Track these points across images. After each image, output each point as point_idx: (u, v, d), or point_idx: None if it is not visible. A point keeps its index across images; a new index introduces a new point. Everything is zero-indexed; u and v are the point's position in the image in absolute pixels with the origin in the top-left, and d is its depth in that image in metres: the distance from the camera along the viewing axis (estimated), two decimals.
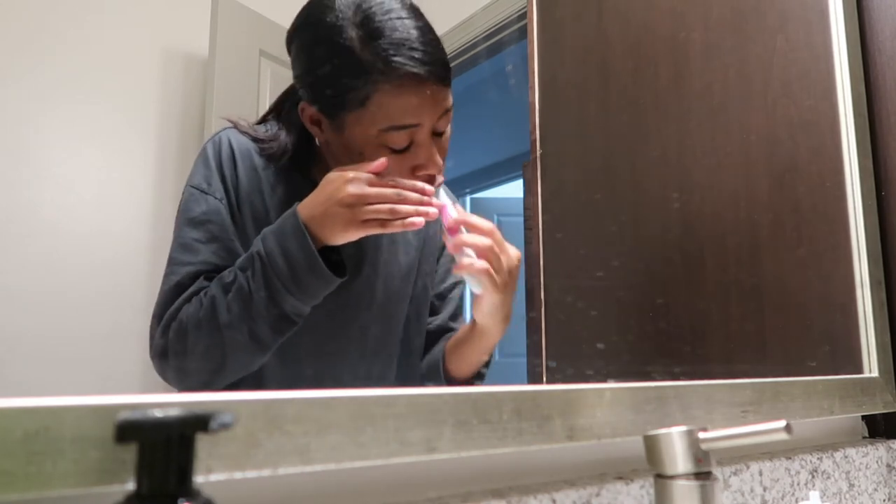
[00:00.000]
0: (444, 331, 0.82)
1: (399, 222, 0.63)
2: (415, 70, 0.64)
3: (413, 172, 0.68)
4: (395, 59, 0.64)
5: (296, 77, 0.71)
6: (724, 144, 1.07)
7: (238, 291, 0.63)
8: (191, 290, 0.65)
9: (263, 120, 0.77)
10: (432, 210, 0.65)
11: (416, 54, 0.64)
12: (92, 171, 0.86)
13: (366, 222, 0.63)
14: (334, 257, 0.65)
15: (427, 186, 0.65)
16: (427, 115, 0.67)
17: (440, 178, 0.70)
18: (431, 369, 0.79)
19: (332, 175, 0.64)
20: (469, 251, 0.68)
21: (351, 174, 0.63)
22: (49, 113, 0.82)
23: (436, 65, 0.66)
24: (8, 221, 0.76)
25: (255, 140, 0.73)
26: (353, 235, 0.64)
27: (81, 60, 0.85)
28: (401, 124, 0.66)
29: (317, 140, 0.73)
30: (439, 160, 0.69)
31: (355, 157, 0.67)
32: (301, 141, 0.73)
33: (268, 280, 0.62)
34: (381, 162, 0.64)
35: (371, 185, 0.63)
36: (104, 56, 0.87)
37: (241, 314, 0.63)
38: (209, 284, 0.65)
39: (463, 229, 0.69)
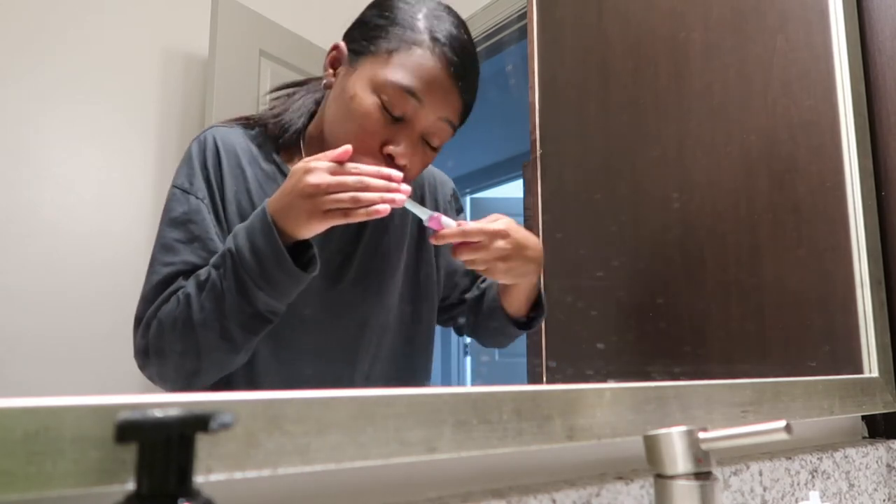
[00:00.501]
0: (483, 293, 0.84)
1: (362, 211, 0.60)
2: (451, 56, 0.68)
3: (382, 146, 0.67)
4: (440, 39, 0.68)
5: (359, 16, 0.73)
6: (724, 144, 1.07)
7: (211, 289, 0.62)
8: (170, 289, 0.65)
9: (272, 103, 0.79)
10: (399, 196, 0.62)
11: (458, 50, 0.69)
12: (92, 171, 0.86)
13: (328, 212, 0.60)
14: (307, 253, 0.64)
15: (394, 172, 0.62)
16: (431, 101, 0.67)
17: (405, 173, 0.68)
18: (491, 312, 0.81)
19: (296, 166, 0.63)
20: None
21: (312, 164, 0.61)
22: (49, 113, 0.82)
23: (467, 69, 0.70)
24: (8, 221, 0.76)
25: (249, 125, 0.73)
26: (317, 227, 0.62)
27: (81, 60, 0.85)
28: (404, 85, 0.66)
29: (323, 80, 0.73)
30: (411, 153, 0.68)
31: (346, 101, 0.67)
32: (297, 124, 0.74)
33: (238, 277, 0.61)
34: (346, 149, 0.62)
35: (332, 173, 0.61)
36: (104, 56, 0.87)
37: (213, 312, 0.62)
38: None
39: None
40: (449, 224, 0.67)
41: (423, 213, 0.67)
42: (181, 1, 0.96)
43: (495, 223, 0.68)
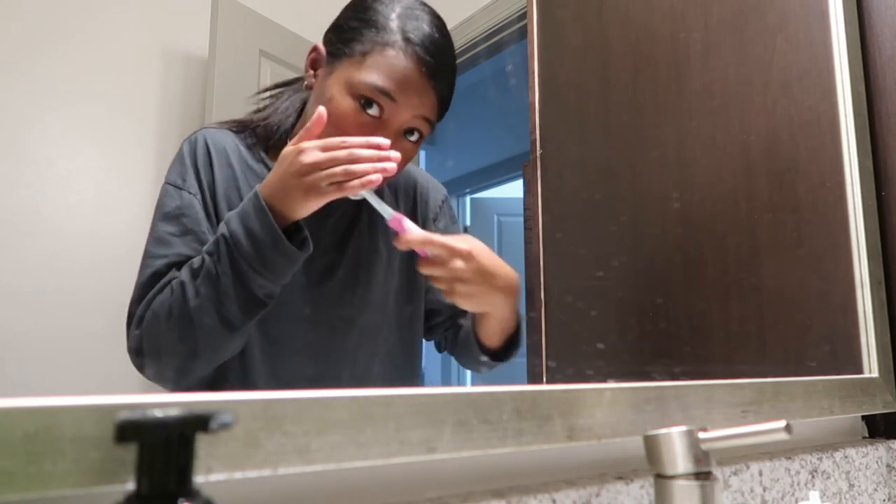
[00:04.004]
0: (465, 314, 0.83)
1: (357, 182, 0.62)
2: (423, 56, 0.68)
3: None
4: (412, 35, 0.68)
5: (336, 19, 0.74)
6: (724, 144, 1.07)
7: (206, 275, 0.63)
8: (163, 280, 0.65)
9: (256, 110, 0.79)
10: (389, 165, 0.63)
11: (431, 49, 0.69)
12: (92, 171, 0.86)
13: (324, 188, 0.62)
14: (300, 235, 0.65)
15: (383, 140, 0.64)
16: (407, 99, 0.68)
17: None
18: (466, 342, 0.80)
19: (286, 150, 0.64)
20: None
21: (303, 144, 0.63)
22: (49, 113, 0.82)
23: (440, 68, 0.69)
24: (9, 221, 0.76)
25: (238, 129, 0.74)
26: (314, 204, 0.64)
27: (81, 60, 0.85)
28: (381, 87, 0.67)
29: (305, 82, 0.75)
30: (394, 152, 0.68)
31: (324, 103, 0.68)
32: (287, 121, 0.75)
33: (233, 261, 0.62)
34: (320, 115, 0.64)
35: (323, 149, 0.62)
36: (104, 56, 0.87)
37: (209, 297, 0.63)
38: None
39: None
40: (411, 228, 0.67)
41: (385, 211, 0.67)
42: (181, 1, 0.96)
43: (460, 243, 0.67)
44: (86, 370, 0.76)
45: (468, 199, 1.82)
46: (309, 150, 0.62)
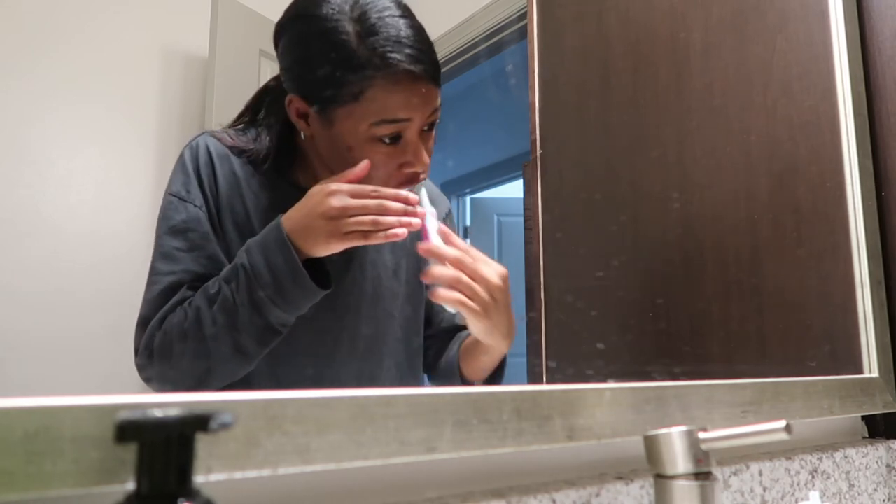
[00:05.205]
0: (456, 328, 0.82)
1: (382, 234, 0.63)
2: (410, 67, 0.65)
3: (400, 169, 0.69)
4: (392, 55, 0.64)
5: (284, 69, 0.70)
6: (724, 144, 1.07)
7: (223, 303, 0.63)
8: (174, 299, 0.65)
9: (238, 121, 0.77)
10: (415, 220, 0.65)
11: (412, 52, 0.65)
12: (92, 171, 0.86)
13: (348, 234, 0.63)
14: (320, 268, 0.65)
15: (411, 195, 0.65)
16: (418, 112, 0.67)
17: (423, 176, 0.70)
18: (448, 371, 0.79)
19: (316, 188, 0.64)
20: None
21: (333, 186, 0.63)
22: (49, 113, 0.82)
23: (429, 64, 0.67)
24: (9, 221, 0.76)
25: (235, 148, 0.72)
26: (336, 247, 0.64)
27: (81, 60, 0.85)
28: (393, 118, 0.66)
29: (302, 133, 0.73)
30: (426, 157, 0.69)
31: (342, 151, 0.67)
32: (281, 142, 0.73)
33: (252, 293, 0.62)
34: (364, 165, 0.65)
35: (354, 195, 0.63)
36: (104, 56, 0.87)
37: (226, 326, 0.62)
38: (192, 294, 0.65)
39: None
40: (431, 240, 0.68)
41: (432, 223, 0.68)
42: (181, 1, 0.96)
43: (489, 270, 0.67)
44: (86, 370, 0.76)
45: (468, 199, 1.82)
46: (339, 193, 0.62)
